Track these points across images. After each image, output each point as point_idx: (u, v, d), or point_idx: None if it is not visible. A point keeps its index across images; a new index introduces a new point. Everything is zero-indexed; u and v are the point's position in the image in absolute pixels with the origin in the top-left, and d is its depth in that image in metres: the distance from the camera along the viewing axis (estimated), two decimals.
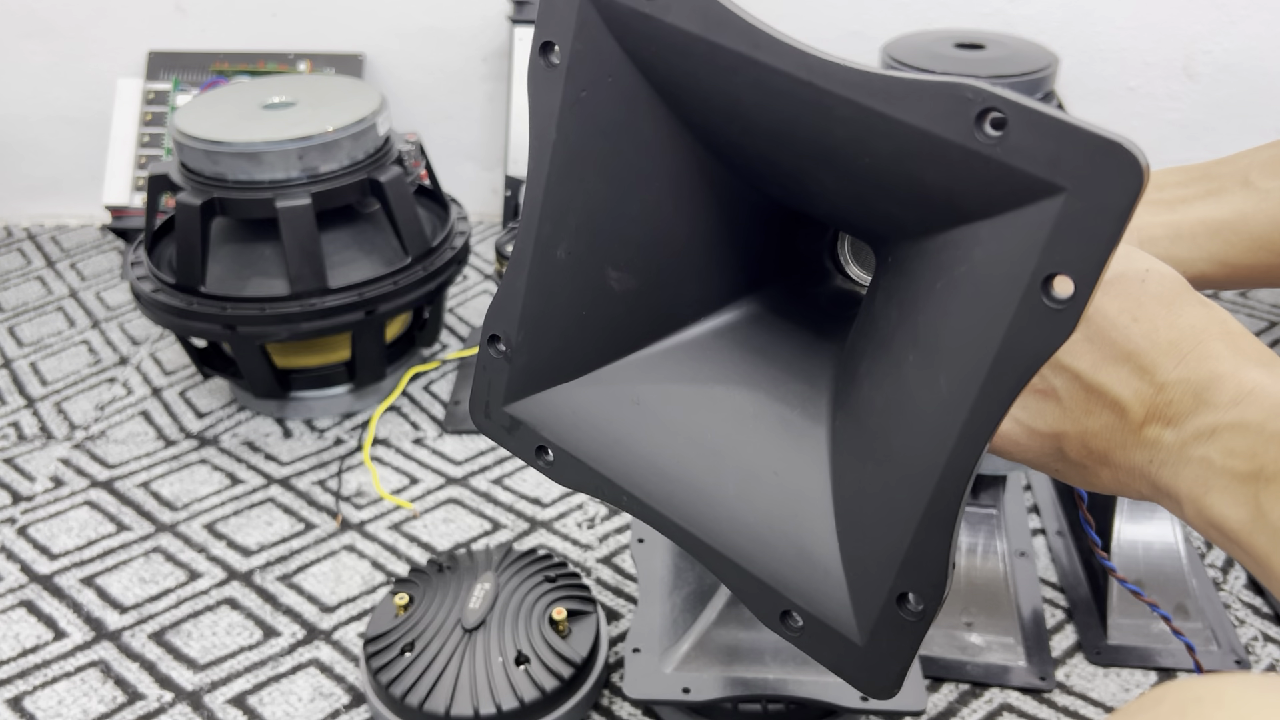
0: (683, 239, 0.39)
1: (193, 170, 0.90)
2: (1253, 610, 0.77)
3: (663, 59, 0.35)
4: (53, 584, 0.82)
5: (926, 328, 0.34)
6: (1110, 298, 0.38)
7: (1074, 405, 0.38)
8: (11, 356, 1.11)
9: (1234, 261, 0.48)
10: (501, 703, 0.64)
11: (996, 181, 0.31)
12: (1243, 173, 0.49)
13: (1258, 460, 0.34)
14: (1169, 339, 0.37)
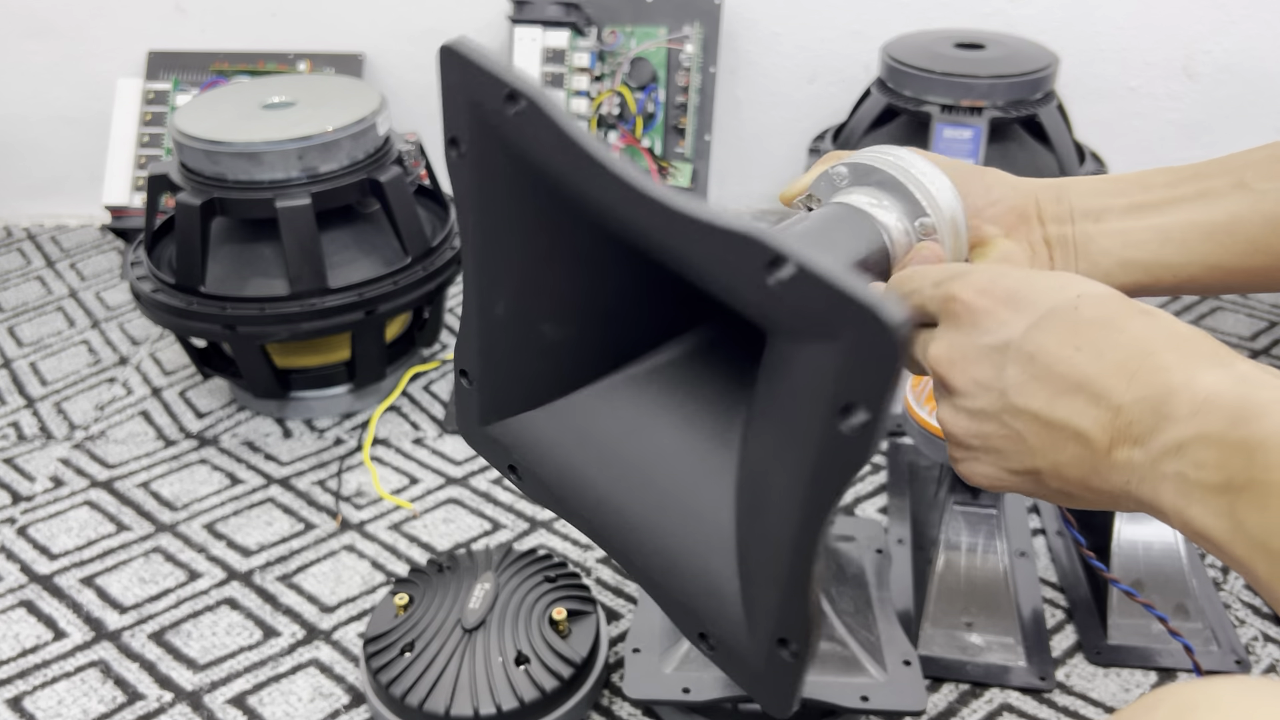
0: (607, 294, 0.42)
1: (193, 170, 0.90)
2: (1253, 610, 0.77)
3: (534, 158, 0.38)
4: (52, 584, 0.82)
5: (775, 415, 0.37)
6: (1048, 333, 0.38)
7: (1040, 444, 0.39)
8: (11, 356, 1.11)
9: (1227, 265, 0.47)
10: (501, 703, 0.64)
11: (792, 316, 0.33)
12: (1237, 173, 0.48)
13: (1225, 471, 0.34)
14: (1115, 360, 0.37)
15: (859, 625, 0.68)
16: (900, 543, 0.82)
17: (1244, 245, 0.47)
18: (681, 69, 1.22)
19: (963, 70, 1.02)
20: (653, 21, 1.21)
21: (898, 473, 0.90)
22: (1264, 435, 0.33)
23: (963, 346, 0.40)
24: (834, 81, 1.31)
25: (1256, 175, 0.47)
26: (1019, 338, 0.39)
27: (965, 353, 0.40)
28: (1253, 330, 1.11)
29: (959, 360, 0.40)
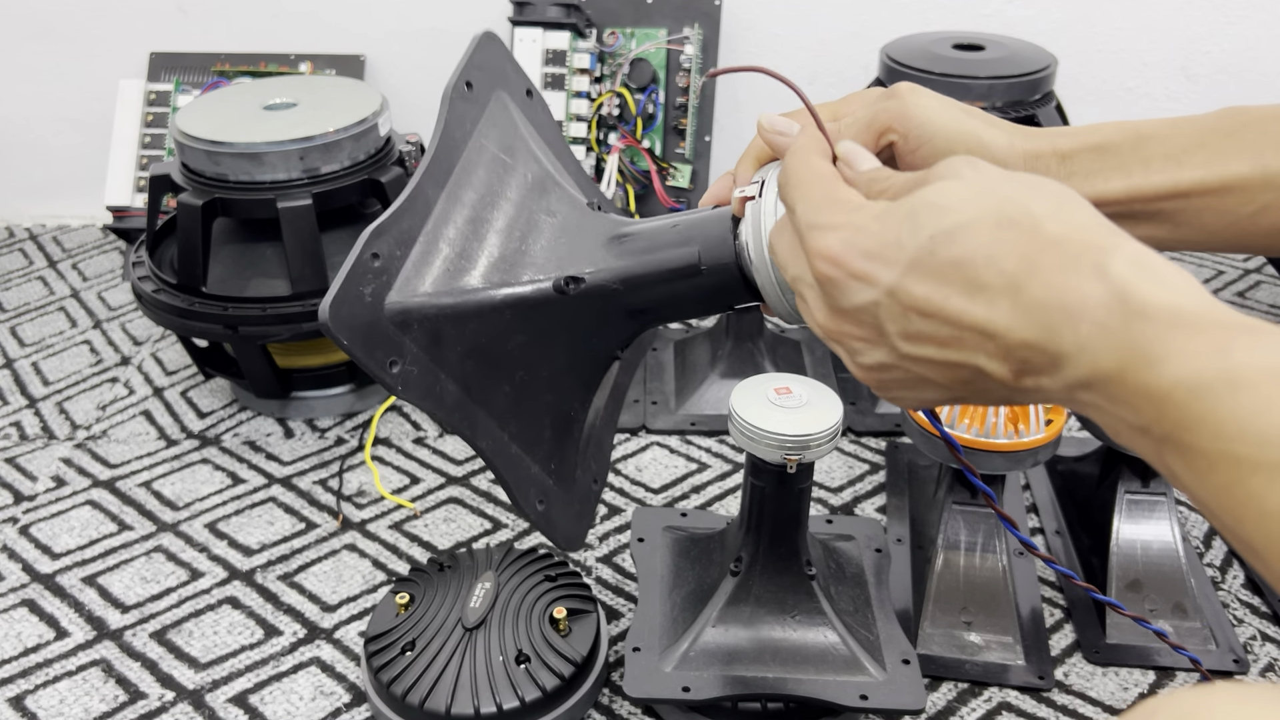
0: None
1: (194, 171, 0.90)
2: (1251, 609, 0.77)
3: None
4: (54, 583, 0.82)
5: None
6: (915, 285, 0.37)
7: (948, 380, 0.39)
8: (13, 356, 1.11)
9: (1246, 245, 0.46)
10: (502, 701, 0.64)
11: None
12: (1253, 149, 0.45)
13: (1141, 416, 0.34)
14: (988, 299, 0.36)
15: (858, 624, 0.68)
16: (899, 542, 0.82)
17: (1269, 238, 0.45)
18: (681, 70, 1.22)
19: (961, 71, 1.03)
20: (653, 23, 1.22)
21: (896, 472, 0.90)
22: (1167, 387, 0.32)
23: (835, 309, 0.40)
24: (833, 83, 1.31)
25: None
26: (886, 297, 0.38)
27: (839, 315, 0.40)
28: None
29: (838, 322, 0.40)
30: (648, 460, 0.94)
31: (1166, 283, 0.34)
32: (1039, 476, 0.90)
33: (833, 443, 0.63)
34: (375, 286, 0.46)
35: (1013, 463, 0.69)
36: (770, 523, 0.66)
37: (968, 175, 0.39)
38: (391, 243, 0.47)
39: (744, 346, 0.98)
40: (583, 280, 0.49)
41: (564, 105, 1.21)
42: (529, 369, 0.50)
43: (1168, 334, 0.33)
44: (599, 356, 0.53)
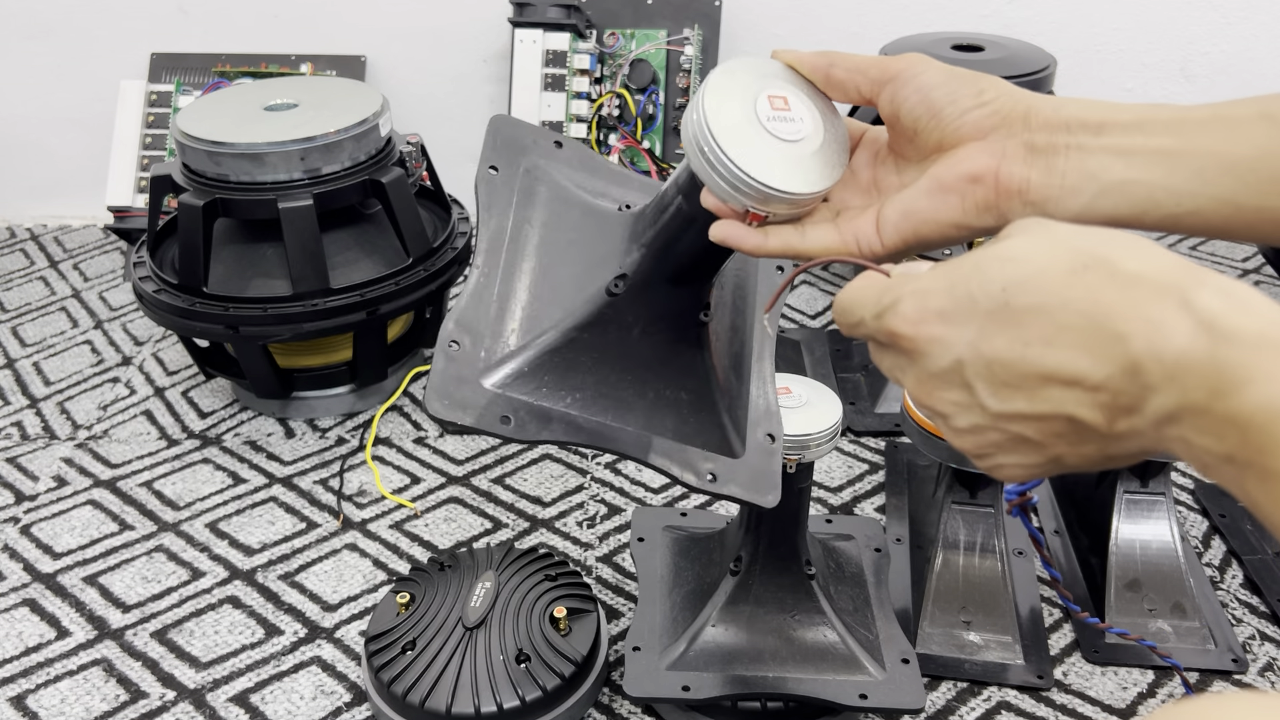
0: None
1: (195, 171, 0.90)
2: (1250, 609, 0.78)
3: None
4: (55, 583, 0.82)
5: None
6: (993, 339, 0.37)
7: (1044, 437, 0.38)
8: (15, 356, 1.12)
9: (1242, 203, 0.41)
10: (503, 701, 0.64)
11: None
12: (1260, 105, 0.43)
13: (1225, 444, 0.33)
14: (1070, 343, 0.35)
15: (857, 624, 0.69)
16: (899, 541, 0.83)
17: (1267, 183, 0.41)
18: (681, 71, 1.22)
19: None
20: (653, 24, 1.22)
21: (896, 472, 0.90)
22: (1250, 411, 0.32)
23: (924, 377, 0.40)
24: None
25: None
26: (969, 355, 0.38)
27: (929, 382, 0.39)
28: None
29: (929, 390, 0.40)
30: None
31: (1253, 310, 0.33)
32: None
33: (832, 443, 0.63)
34: (462, 367, 0.50)
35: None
36: (770, 522, 0.66)
37: (1036, 231, 0.38)
38: (463, 330, 0.51)
39: None
40: (625, 275, 0.50)
41: (564, 106, 1.21)
42: (634, 375, 0.52)
43: (1255, 357, 0.32)
44: (684, 332, 0.53)
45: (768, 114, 0.42)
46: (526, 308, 0.52)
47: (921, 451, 0.77)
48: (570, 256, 0.53)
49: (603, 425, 0.51)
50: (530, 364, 0.51)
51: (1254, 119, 0.42)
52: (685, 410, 0.54)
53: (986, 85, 0.43)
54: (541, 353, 0.51)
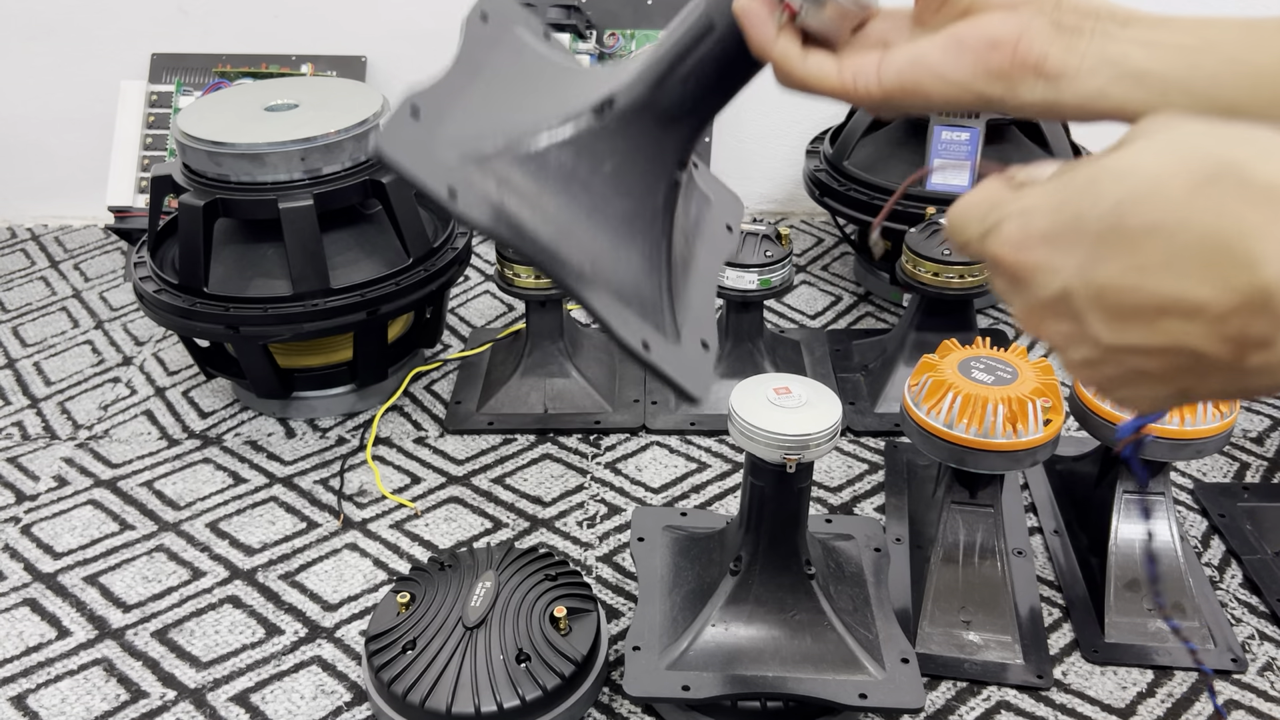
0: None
1: (196, 171, 0.90)
2: (1249, 608, 0.78)
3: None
4: (56, 583, 0.82)
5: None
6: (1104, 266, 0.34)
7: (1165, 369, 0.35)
8: (15, 356, 1.12)
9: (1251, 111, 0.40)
10: (503, 700, 0.64)
11: None
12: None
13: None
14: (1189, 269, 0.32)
15: (857, 623, 0.69)
16: (898, 541, 0.83)
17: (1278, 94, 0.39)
18: None
19: None
20: (653, 24, 1.22)
21: (896, 472, 0.91)
22: None
23: (1030, 307, 0.36)
24: None
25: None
26: (1077, 283, 0.34)
27: (1037, 312, 0.36)
28: None
29: (1036, 320, 0.36)
30: (648, 460, 0.94)
31: None
32: (1037, 476, 0.90)
33: (832, 442, 0.64)
34: (422, 131, 0.46)
35: (1011, 462, 0.69)
36: (770, 522, 0.66)
37: (1159, 134, 0.34)
38: (429, 102, 0.47)
39: (744, 347, 0.98)
40: (613, 100, 0.46)
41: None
42: (594, 208, 0.48)
43: None
44: (655, 184, 0.49)
45: None
46: (490, 112, 0.49)
47: (921, 451, 0.77)
48: (543, 94, 0.50)
49: (544, 241, 0.46)
50: (488, 156, 0.46)
51: (1239, 27, 0.40)
52: (635, 273, 0.49)
53: None
54: (502, 149, 0.47)
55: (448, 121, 0.48)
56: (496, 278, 0.97)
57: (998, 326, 1.12)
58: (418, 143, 0.47)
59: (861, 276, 1.22)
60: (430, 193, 0.45)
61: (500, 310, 1.18)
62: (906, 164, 1.08)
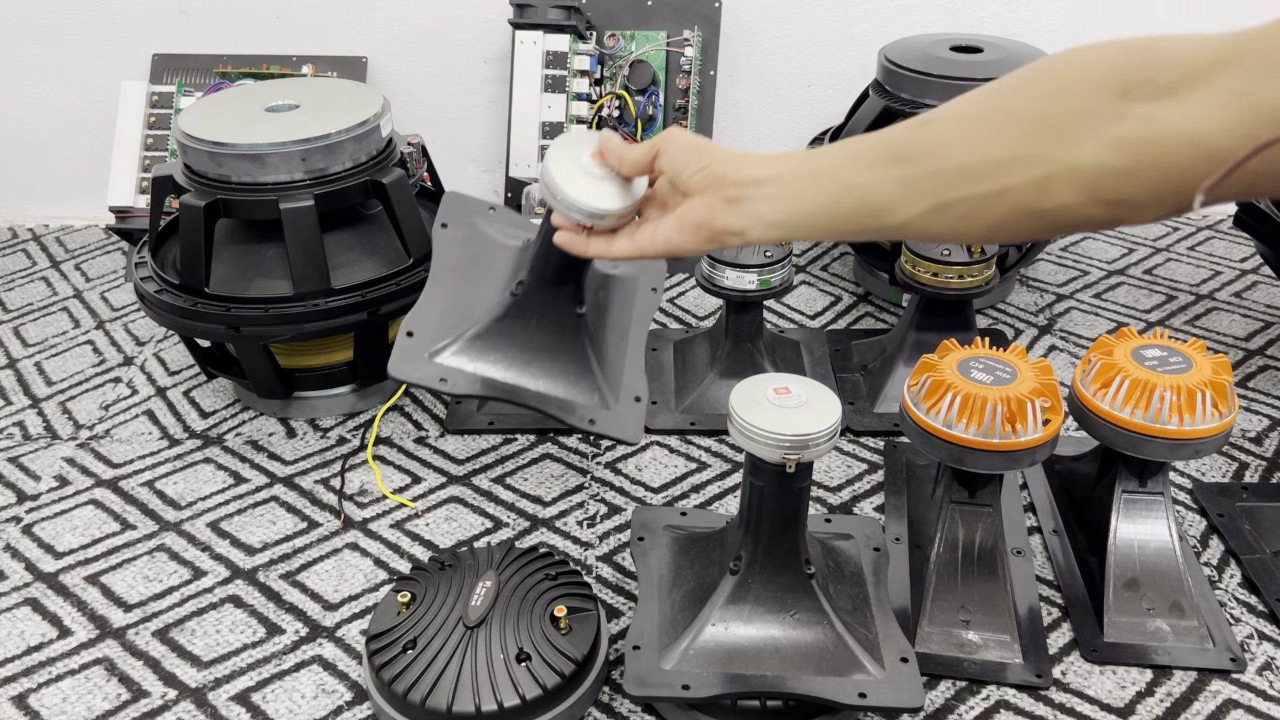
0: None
1: (197, 172, 0.90)
2: (1248, 608, 0.78)
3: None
4: (57, 582, 0.82)
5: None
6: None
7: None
8: (16, 357, 1.12)
9: (830, 231, 0.56)
10: (503, 699, 0.65)
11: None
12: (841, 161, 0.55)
13: None
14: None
15: (857, 623, 0.69)
16: (897, 541, 0.83)
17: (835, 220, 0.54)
18: (681, 72, 1.23)
19: (960, 73, 1.03)
20: (653, 25, 1.22)
21: (895, 471, 0.91)
22: None
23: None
24: (832, 85, 1.31)
25: None
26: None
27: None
28: (1247, 331, 1.11)
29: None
30: (648, 460, 0.94)
31: None
32: (1036, 476, 0.90)
33: (831, 442, 0.64)
34: (412, 349, 0.72)
35: (1010, 462, 0.70)
36: (769, 522, 0.67)
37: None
38: (416, 322, 0.73)
39: (743, 347, 0.99)
40: (521, 282, 0.71)
41: (564, 107, 1.22)
42: (534, 351, 0.72)
43: None
44: (568, 319, 0.72)
45: (587, 164, 0.61)
46: (458, 310, 0.74)
47: (920, 451, 0.77)
48: (490, 276, 0.75)
49: (512, 386, 0.72)
50: (460, 346, 0.72)
51: (828, 174, 0.54)
52: (572, 377, 0.73)
53: (707, 156, 0.57)
54: (468, 338, 0.72)
55: (430, 331, 0.73)
56: None
57: (997, 326, 1.13)
58: (413, 357, 0.72)
59: (861, 277, 1.22)
60: (429, 389, 0.72)
61: None
62: None
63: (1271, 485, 0.90)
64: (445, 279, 0.76)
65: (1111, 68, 0.47)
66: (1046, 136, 0.46)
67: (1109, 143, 0.45)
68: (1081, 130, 0.46)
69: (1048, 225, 0.48)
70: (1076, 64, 0.49)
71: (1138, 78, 0.46)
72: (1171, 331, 1.10)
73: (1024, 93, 0.49)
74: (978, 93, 0.50)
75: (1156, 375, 0.72)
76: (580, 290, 0.72)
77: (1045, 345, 1.10)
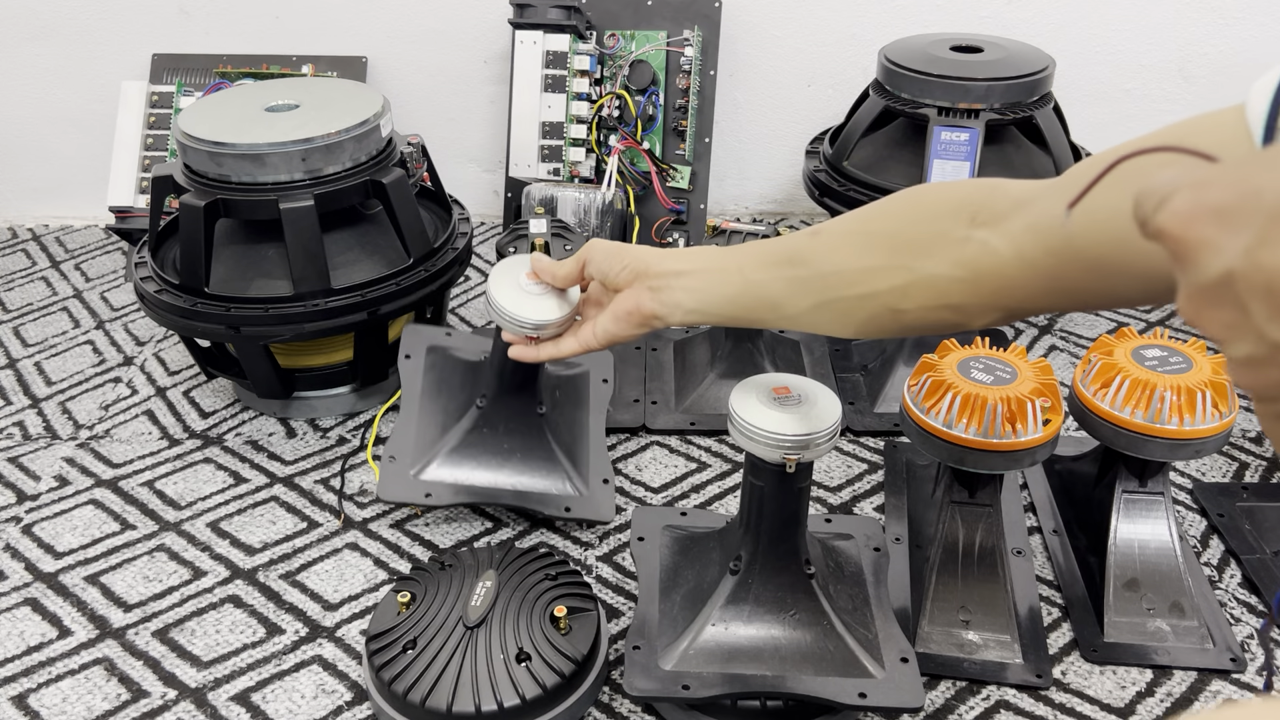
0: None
1: (196, 172, 0.90)
2: (1248, 608, 0.78)
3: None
4: (57, 582, 0.82)
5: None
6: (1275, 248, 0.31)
7: None
8: (16, 357, 1.12)
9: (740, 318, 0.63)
10: (503, 699, 0.65)
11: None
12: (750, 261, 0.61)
13: None
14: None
15: (857, 623, 0.69)
16: (898, 541, 0.83)
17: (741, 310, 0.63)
18: (681, 72, 1.23)
19: (960, 73, 1.03)
20: (653, 25, 1.22)
21: (895, 471, 0.91)
22: None
23: (1191, 290, 0.32)
24: (832, 85, 1.31)
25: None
26: (1243, 265, 0.30)
27: (1198, 297, 0.32)
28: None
29: (1196, 306, 0.32)
30: (648, 460, 0.94)
31: None
32: (1037, 476, 0.90)
33: (831, 442, 0.64)
34: (396, 471, 0.84)
35: (1011, 462, 0.70)
36: (769, 522, 0.67)
37: None
38: (396, 446, 0.86)
39: (743, 347, 0.99)
40: (485, 394, 0.84)
41: (564, 107, 1.22)
42: (505, 455, 0.85)
43: None
44: (531, 421, 0.85)
45: (525, 284, 0.70)
46: (432, 429, 0.86)
47: (921, 451, 0.77)
48: (456, 393, 0.87)
49: (490, 489, 0.84)
50: (439, 462, 0.84)
51: (734, 271, 0.61)
52: (543, 472, 0.85)
53: (628, 256, 0.65)
54: (445, 454, 0.85)
55: (410, 452, 0.85)
56: None
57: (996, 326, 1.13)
58: (398, 478, 0.84)
59: None
60: (415, 506, 0.85)
61: None
62: (906, 164, 1.08)
63: (1271, 485, 0.90)
64: (416, 403, 0.86)
65: (967, 199, 0.55)
66: (909, 252, 0.55)
67: (956, 260, 0.54)
68: (936, 248, 0.54)
69: (905, 326, 0.58)
70: (939, 195, 0.57)
71: (983, 209, 0.53)
72: (1171, 331, 1.10)
73: (895, 217, 0.58)
74: (860, 212, 0.60)
75: (1157, 375, 0.72)
76: (538, 393, 0.83)
77: (1045, 345, 1.10)
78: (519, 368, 0.75)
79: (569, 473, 0.85)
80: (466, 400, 0.86)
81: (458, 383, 0.88)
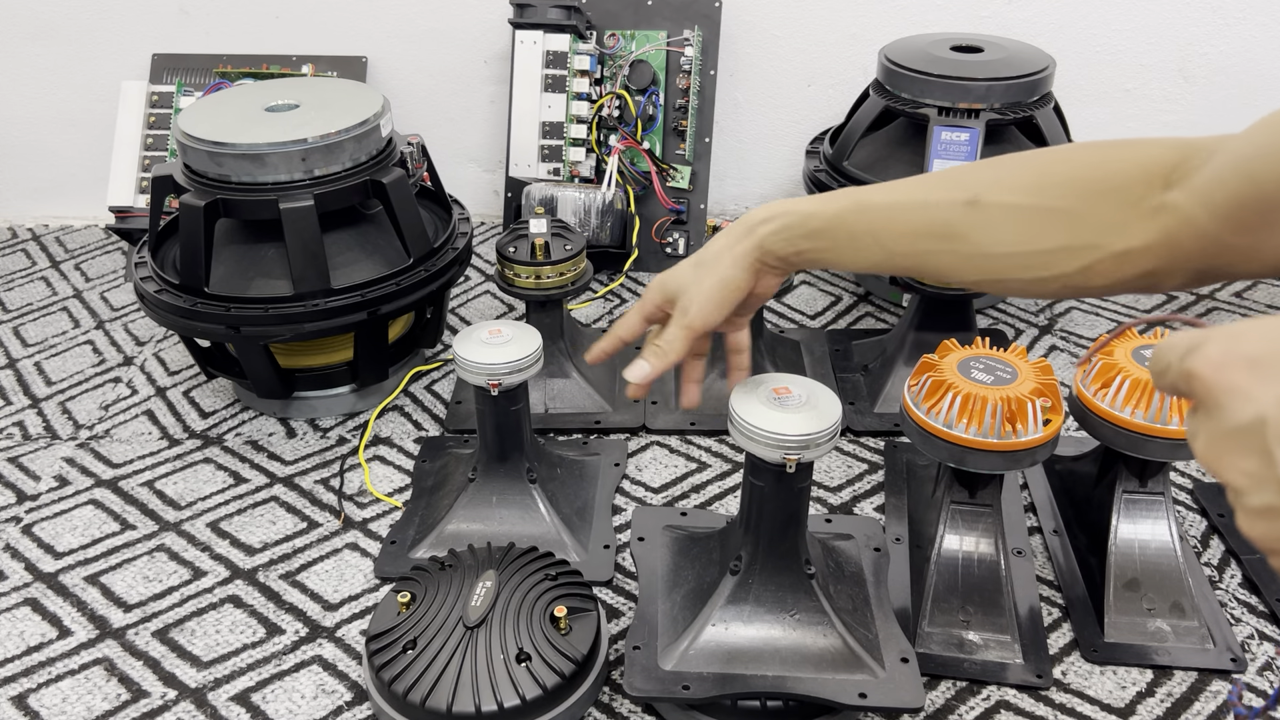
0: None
1: (196, 172, 0.90)
2: (1248, 608, 0.78)
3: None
4: (57, 582, 0.82)
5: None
6: None
7: None
8: (16, 357, 1.12)
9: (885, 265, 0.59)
10: (503, 699, 0.65)
11: None
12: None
13: None
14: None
15: (857, 623, 0.69)
16: (898, 541, 0.83)
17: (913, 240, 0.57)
18: (681, 72, 1.23)
19: (960, 73, 1.03)
20: (653, 25, 1.22)
21: (895, 471, 0.91)
22: None
23: (1216, 435, 0.33)
24: (832, 84, 1.31)
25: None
26: (1275, 414, 0.31)
27: (1222, 442, 0.33)
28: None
29: (1219, 452, 0.33)
30: (648, 460, 0.94)
31: None
32: (1037, 476, 0.90)
33: (832, 442, 0.64)
34: (398, 549, 0.84)
35: (1011, 462, 0.69)
36: (770, 522, 0.67)
37: None
38: (398, 533, 0.85)
39: None
40: (475, 466, 0.85)
41: (564, 107, 1.22)
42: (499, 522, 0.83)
43: None
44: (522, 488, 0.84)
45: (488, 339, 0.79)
46: (433, 514, 0.86)
47: (921, 451, 0.77)
48: (452, 480, 0.87)
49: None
50: (433, 539, 0.83)
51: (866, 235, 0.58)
52: (541, 536, 0.82)
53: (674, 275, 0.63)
54: (440, 531, 0.83)
55: (410, 535, 0.85)
56: (497, 278, 0.97)
57: (997, 326, 1.13)
58: (395, 559, 0.83)
59: (861, 277, 1.22)
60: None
61: (500, 310, 1.18)
62: (906, 164, 1.08)
63: None
64: (422, 498, 0.88)
65: (1158, 160, 0.49)
66: (1096, 229, 0.49)
67: (1150, 229, 0.48)
68: (1130, 222, 0.49)
69: (1084, 294, 0.53)
70: (1124, 158, 0.51)
71: (1177, 169, 0.48)
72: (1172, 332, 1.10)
73: (1073, 189, 0.51)
74: (1020, 176, 0.53)
75: None
76: (525, 460, 0.83)
77: (1045, 345, 1.10)
78: (504, 437, 0.81)
79: (565, 540, 0.83)
80: (460, 483, 0.86)
81: (454, 473, 0.89)
